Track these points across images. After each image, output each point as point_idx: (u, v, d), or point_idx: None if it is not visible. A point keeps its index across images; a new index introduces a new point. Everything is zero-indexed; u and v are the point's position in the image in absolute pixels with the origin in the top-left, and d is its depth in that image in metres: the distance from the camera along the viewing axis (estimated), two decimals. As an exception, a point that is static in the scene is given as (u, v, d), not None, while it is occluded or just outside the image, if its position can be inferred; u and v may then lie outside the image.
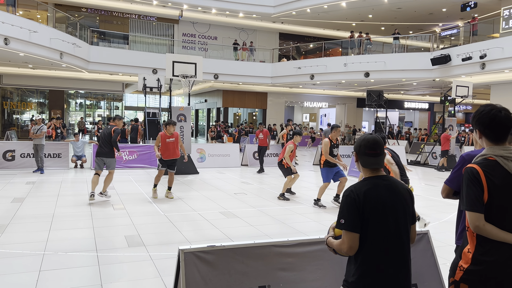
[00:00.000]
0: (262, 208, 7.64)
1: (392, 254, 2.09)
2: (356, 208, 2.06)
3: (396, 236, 2.10)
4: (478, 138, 2.16)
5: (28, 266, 4.41)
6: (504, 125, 2.06)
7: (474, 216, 1.99)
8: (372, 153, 2.18)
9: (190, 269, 2.62)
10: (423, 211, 7.87)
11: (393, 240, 2.09)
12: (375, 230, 2.07)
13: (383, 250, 2.07)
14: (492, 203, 1.99)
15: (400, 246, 2.11)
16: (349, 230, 2.06)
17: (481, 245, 2.01)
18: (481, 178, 2.00)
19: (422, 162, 16.91)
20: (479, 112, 2.13)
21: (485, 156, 2.08)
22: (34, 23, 15.31)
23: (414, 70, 19.32)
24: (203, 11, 23.72)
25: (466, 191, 2.04)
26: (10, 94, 24.35)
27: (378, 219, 2.08)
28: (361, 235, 2.07)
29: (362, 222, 2.06)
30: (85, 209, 7.19)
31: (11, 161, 11.85)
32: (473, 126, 2.18)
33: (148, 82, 15.71)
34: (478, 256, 2.01)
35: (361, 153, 2.20)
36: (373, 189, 2.11)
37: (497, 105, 2.13)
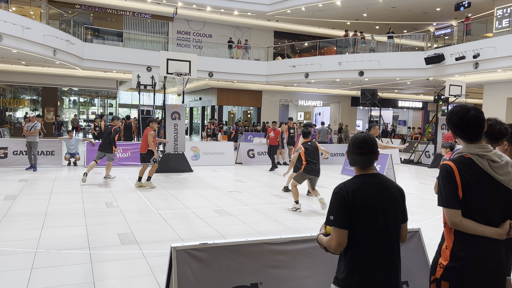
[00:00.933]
0: (256, 206, 7.65)
1: (381, 251, 2.11)
2: (345, 205, 2.09)
3: (385, 234, 2.12)
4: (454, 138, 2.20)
5: (20, 264, 4.39)
6: (473, 125, 2.08)
7: (451, 213, 2.03)
8: (359, 152, 2.20)
9: (182, 267, 2.62)
10: (416, 209, 7.93)
11: (382, 238, 2.11)
12: (364, 228, 2.09)
13: (371, 247, 2.09)
14: (467, 200, 2.02)
15: (389, 244, 2.13)
16: (337, 226, 2.09)
17: (459, 241, 2.04)
18: (455, 175, 2.03)
19: (416, 160, 17.02)
20: (450, 113, 2.16)
21: (461, 153, 2.12)
22: (27, 19, 15.19)
23: (408, 69, 19.41)
24: (198, 9, 23.66)
25: (442, 188, 2.07)
26: (2, 91, 24.15)
27: (367, 217, 2.10)
28: (350, 232, 2.09)
29: (351, 219, 2.09)
30: (78, 206, 7.16)
31: (4, 159, 11.76)
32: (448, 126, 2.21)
33: (142, 80, 15.64)
34: (456, 252, 2.04)
35: (350, 151, 2.24)
36: (362, 187, 2.13)
37: (468, 104, 2.16)
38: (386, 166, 11.36)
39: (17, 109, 24.80)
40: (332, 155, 15.54)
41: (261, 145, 14.98)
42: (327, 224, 2.18)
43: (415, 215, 7.37)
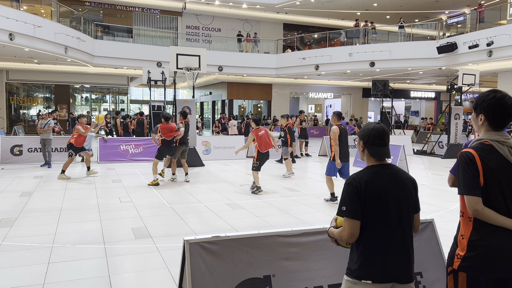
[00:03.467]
0: (268, 199, 7.67)
1: (394, 242, 2.10)
2: (357, 196, 2.07)
3: (398, 224, 2.11)
4: (479, 123, 2.15)
5: (37, 258, 4.47)
6: (509, 113, 2.06)
7: (472, 200, 2.00)
8: (381, 143, 2.18)
9: (196, 260, 2.64)
10: (429, 200, 7.86)
11: (394, 228, 2.10)
12: (376, 218, 2.08)
13: (384, 238, 2.08)
14: (488, 187, 1.99)
15: (402, 234, 2.12)
16: (350, 217, 2.08)
17: (478, 230, 2.01)
18: (477, 161, 2.00)
19: (429, 151, 16.83)
20: (486, 98, 2.10)
21: (480, 140, 2.09)
22: (38, 18, 15.34)
23: (420, 59, 19.13)
24: (207, 3, 23.61)
25: (463, 175, 2.04)
26: (16, 90, 24.49)
27: (379, 207, 2.08)
28: (362, 223, 2.09)
29: (363, 209, 2.08)
30: (92, 202, 7.26)
31: (19, 156, 11.97)
32: (476, 111, 2.15)
33: (152, 75, 15.70)
34: (474, 242, 2.01)
35: (370, 143, 2.19)
36: (375, 177, 2.12)
37: (502, 91, 2.11)
38: (399, 158, 11.26)
39: (30, 107, 25.15)
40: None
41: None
42: (339, 215, 2.17)
43: (429, 206, 7.31)
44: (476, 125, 2.18)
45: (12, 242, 4.98)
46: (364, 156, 2.25)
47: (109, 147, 12.67)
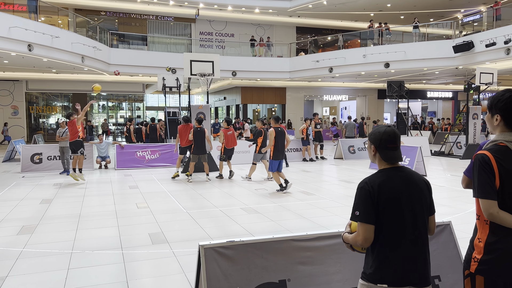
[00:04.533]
0: (283, 203, 7.66)
1: (409, 245, 2.07)
2: (370, 200, 2.06)
3: (413, 227, 2.09)
4: (494, 124, 2.11)
5: (57, 264, 4.56)
6: None
7: (487, 203, 1.96)
8: (393, 147, 2.16)
9: (211, 265, 2.66)
10: (448, 202, 7.73)
11: (409, 232, 2.08)
12: (391, 222, 2.06)
13: (399, 241, 2.07)
14: (504, 189, 1.95)
15: (417, 237, 2.10)
16: (363, 221, 2.06)
17: (494, 233, 1.98)
18: (492, 164, 1.96)
19: (447, 152, 16.56)
20: (501, 97, 2.06)
21: (495, 142, 2.05)
22: (55, 28, 15.70)
23: (436, 59, 18.87)
24: (219, 9, 23.79)
25: (478, 178, 2.00)
26: (35, 99, 25.08)
27: (393, 211, 2.07)
28: (377, 226, 2.07)
29: (377, 213, 2.06)
30: (110, 208, 7.37)
31: (39, 164, 12.23)
32: (492, 111, 2.12)
33: (167, 82, 15.89)
34: (490, 245, 1.97)
35: (382, 147, 2.17)
36: (387, 181, 2.10)
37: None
38: (416, 159, 11.12)
39: (49, 116, 25.71)
40: (359, 150, 15.34)
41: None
42: (352, 219, 2.16)
43: (447, 208, 7.20)
44: (491, 126, 2.14)
45: (33, 249, 5.09)
46: (375, 160, 2.23)
47: (126, 153, 12.85)
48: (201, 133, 10.14)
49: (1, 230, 5.94)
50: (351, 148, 15.35)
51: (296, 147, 14.84)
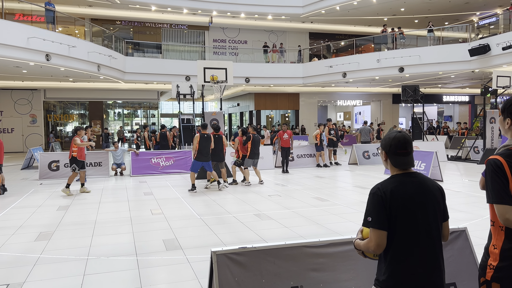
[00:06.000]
0: (297, 210, 7.63)
1: (422, 252, 2.05)
2: (383, 206, 2.04)
3: (426, 233, 2.06)
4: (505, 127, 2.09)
5: (73, 270, 4.63)
6: None
7: (502, 209, 1.93)
8: (403, 152, 2.14)
9: (223, 271, 2.67)
10: (465, 208, 7.59)
11: (422, 238, 2.06)
12: (404, 228, 2.04)
13: (412, 248, 2.04)
14: None
15: (431, 244, 2.07)
16: (376, 227, 2.04)
17: (510, 239, 1.94)
18: (505, 168, 1.93)
19: (464, 157, 16.28)
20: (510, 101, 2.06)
21: (507, 146, 2.02)
22: (72, 38, 16.04)
23: (451, 62, 18.65)
24: (232, 16, 23.98)
25: (491, 183, 1.97)
26: (53, 107, 25.60)
27: (406, 217, 2.05)
28: (390, 233, 2.05)
29: (389, 219, 2.04)
30: (125, 215, 7.45)
31: (56, 171, 12.45)
32: (504, 114, 2.10)
33: (181, 89, 16.05)
34: (506, 251, 1.94)
35: (392, 153, 2.15)
36: (400, 187, 2.08)
37: None
38: (432, 164, 10.96)
39: (66, 124, 26.18)
40: (374, 155, 15.21)
41: (301, 148, 14.91)
42: (364, 225, 2.14)
43: (464, 214, 7.07)
44: (503, 129, 2.12)
45: (50, 255, 5.17)
46: (387, 165, 2.22)
47: (141, 160, 12.99)
48: (208, 139, 9.95)
49: (20, 237, 6.05)
50: (365, 153, 15.23)
51: (310, 152, 14.79)
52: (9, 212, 7.78)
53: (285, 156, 13.12)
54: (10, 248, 5.48)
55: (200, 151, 9.78)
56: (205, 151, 9.84)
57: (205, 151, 9.84)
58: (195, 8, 22.33)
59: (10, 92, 23.55)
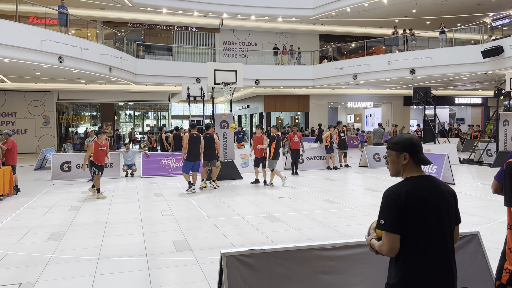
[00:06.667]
0: (306, 212, 7.60)
1: (435, 256, 2.03)
2: (396, 209, 2.02)
3: (440, 237, 2.04)
4: None
5: (84, 270, 4.67)
6: None
7: None
8: (421, 150, 2.18)
9: (232, 273, 2.67)
10: (477, 212, 7.49)
11: (436, 242, 2.03)
12: (417, 231, 2.02)
13: (425, 252, 2.02)
14: None
15: (444, 248, 2.05)
16: (388, 231, 2.02)
17: None
18: None
19: (476, 160, 16.08)
20: None
21: None
22: (85, 40, 16.23)
23: (464, 64, 18.43)
24: (243, 18, 24.04)
25: (509, 186, 1.95)
26: (65, 109, 25.91)
27: (420, 220, 2.02)
28: (403, 236, 2.03)
29: (403, 223, 2.02)
30: (135, 215, 7.50)
31: (68, 172, 12.60)
32: None
33: (192, 91, 16.12)
34: None
35: (416, 152, 2.16)
36: (414, 189, 2.06)
37: None
38: (443, 167, 10.84)
39: (78, 125, 26.48)
40: (385, 158, 15.08)
41: (310, 150, 14.86)
42: (378, 228, 2.13)
43: (477, 218, 6.98)
44: None
45: (61, 255, 5.23)
46: (403, 169, 2.18)
47: (151, 161, 13.07)
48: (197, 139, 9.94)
49: (32, 236, 6.13)
50: (376, 155, 15.13)
51: (320, 155, 14.74)
52: (22, 212, 7.89)
53: (295, 158, 13.10)
54: (22, 248, 5.55)
55: (190, 151, 9.85)
56: (194, 151, 9.86)
57: (194, 151, 9.86)
58: (205, 11, 22.44)
59: (23, 94, 23.91)
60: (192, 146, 9.84)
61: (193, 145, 9.85)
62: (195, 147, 9.90)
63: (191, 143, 9.83)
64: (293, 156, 13.09)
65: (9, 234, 6.30)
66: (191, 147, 9.84)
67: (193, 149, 9.85)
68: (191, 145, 9.85)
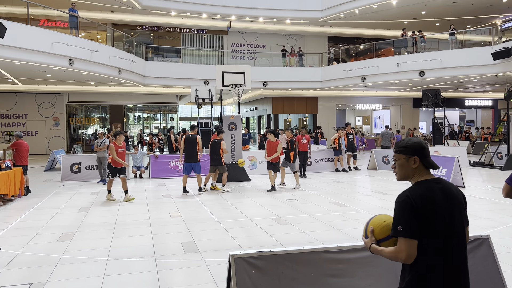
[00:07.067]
0: (314, 214, 7.58)
1: (450, 259, 2.01)
2: (413, 214, 1.99)
3: (454, 239, 2.03)
4: None
5: (93, 271, 4.71)
6: None
7: None
8: (429, 154, 2.18)
9: (241, 275, 2.68)
10: (488, 215, 7.41)
11: (450, 245, 2.02)
12: (431, 235, 2.00)
13: (440, 254, 2.00)
14: None
15: (458, 250, 2.03)
16: (407, 236, 1.98)
17: None
18: None
19: (486, 163, 15.90)
20: None
21: None
22: (94, 43, 16.38)
23: (474, 66, 18.26)
24: (251, 21, 24.09)
25: None
26: (75, 111, 26.15)
27: (435, 224, 2.00)
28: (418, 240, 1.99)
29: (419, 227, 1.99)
30: (144, 217, 7.54)
31: (78, 173, 12.71)
32: None
33: (200, 93, 16.20)
34: None
35: (426, 155, 2.16)
36: (428, 193, 2.04)
37: None
38: (453, 170, 10.75)
39: (88, 127, 26.70)
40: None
41: (318, 152, 14.82)
42: (394, 235, 2.05)
43: (487, 221, 6.90)
44: None
45: (71, 256, 5.28)
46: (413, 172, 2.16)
47: (160, 163, 13.14)
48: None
49: (43, 237, 6.20)
50: (385, 158, 15.04)
51: (328, 157, 14.70)
52: (33, 213, 7.97)
53: (303, 160, 13.08)
54: (33, 248, 5.61)
55: (186, 152, 10.03)
56: (190, 153, 9.99)
57: (190, 153, 9.99)
58: (214, 13, 22.53)
59: (34, 96, 24.18)
60: (187, 147, 10.00)
61: (188, 146, 10.01)
62: (191, 148, 10.00)
63: (187, 144, 10.01)
64: (301, 158, 13.07)
65: (20, 234, 6.37)
66: (187, 148, 10.00)
67: (189, 150, 10.00)
68: (186, 147, 10.01)
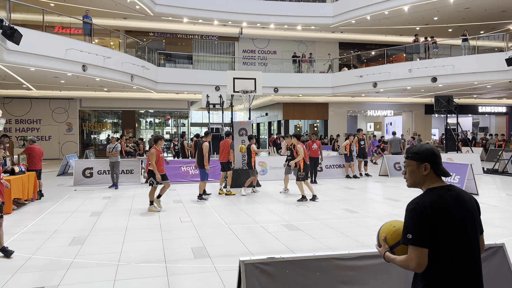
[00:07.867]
0: (325, 221, 7.53)
1: (464, 268, 1.98)
2: (423, 222, 1.96)
3: (467, 248, 1.99)
4: None
5: (104, 275, 4.74)
6: None
7: None
8: (441, 161, 2.15)
9: (251, 280, 2.67)
10: (502, 223, 7.28)
11: (463, 253, 1.98)
12: (445, 243, 1.97)
13: (452, 263, 1.97)
14: None
15: (471, 258, 1.99)
16: (417, 245, 1.96)
17: None
18: None
19: (501, 170, 15.65)
20: None
21: None
22: (107, 49, 16.60)
23: (487, 72, 18.04)
24: (262, 27, 24.19)
25: None
26: (88, 116, 26.48)
27: (447, 232, 1.97)
28: (430, 248, 1.97)
29: (430, 235, 1.96)
30: (155, 222, 7.58)
31: (90, 178, 12.83)
32: None
33: (211, 99, 16.27)
34: None
35: (436, 162, 2.13)
36: (439, 200, 2.01)
37: None
38: (466, 177, 10.60)
39: (100, 132, 26.99)
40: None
41: (329, 158, 14.75)
42: (404, 243, 2.04)
43: (502, 229, 6.78)
44: None
45: (82, 260, 5.32)
46: (423, 179, 2.13)
47: (171, 168, 13.20)
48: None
49: (55, 241, 6.26)
50: (396, 165, 14.90)
51: (339, 163, 14.61)
52: (45, 217, 8.06)
53: (314, 166, 13.03)
54: (45, 252, 5.67)
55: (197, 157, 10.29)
56: (198, 158, 10.17)
57: (198, 158, 10.17)
58: (225, 20, 22.68)
59: (48, 102, 24.56)
60: (197, 153, 10.31)
61: (196, 152, 10.41)
62: (199, 154, 10.16)
63: (196, 150, 10.47)
64: (312, 164, 13.01)
65: (33, 238, 6.45)
66: (197, 154, 10.32)
67: (198, 156, 10.22)
68: (196, 152, 10.41)
